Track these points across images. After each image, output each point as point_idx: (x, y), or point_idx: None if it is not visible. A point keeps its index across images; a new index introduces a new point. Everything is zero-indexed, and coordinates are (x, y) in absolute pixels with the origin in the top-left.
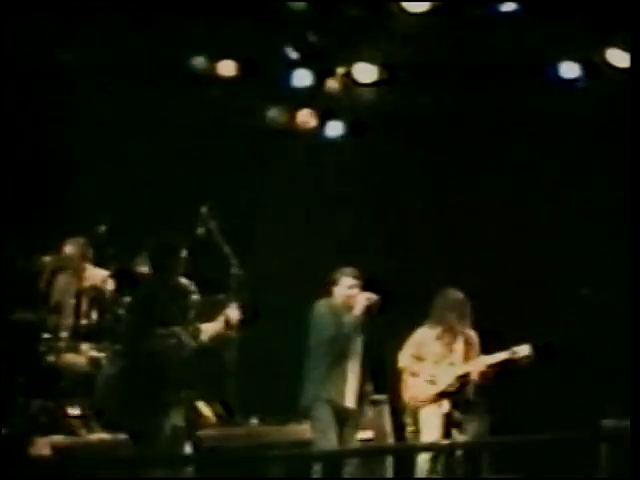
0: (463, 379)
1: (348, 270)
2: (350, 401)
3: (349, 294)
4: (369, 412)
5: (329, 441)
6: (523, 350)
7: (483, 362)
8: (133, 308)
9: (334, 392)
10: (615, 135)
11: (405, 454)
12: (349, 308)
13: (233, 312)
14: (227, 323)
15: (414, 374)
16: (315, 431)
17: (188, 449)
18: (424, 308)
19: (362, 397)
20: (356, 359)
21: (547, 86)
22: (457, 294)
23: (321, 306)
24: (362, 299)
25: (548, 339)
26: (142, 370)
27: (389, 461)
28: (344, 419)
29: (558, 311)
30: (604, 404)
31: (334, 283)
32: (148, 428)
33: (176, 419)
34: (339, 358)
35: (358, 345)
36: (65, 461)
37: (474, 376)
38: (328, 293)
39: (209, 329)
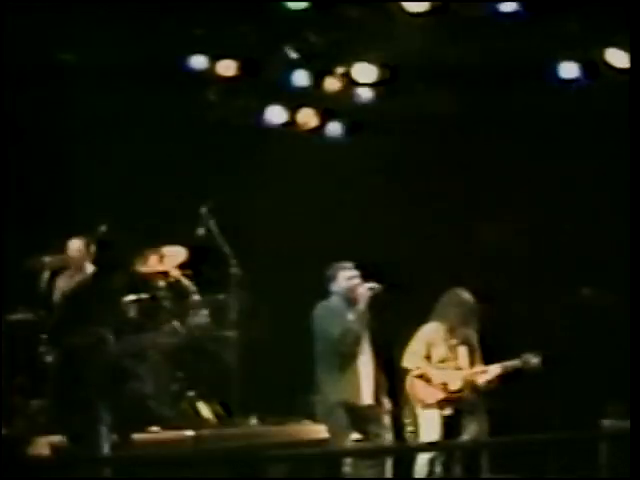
0: (470, 385)
1: (343, 264)
2: (367, 398)
3: (350, 286)
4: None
5: (343, 443)
6: (532, 360)
7: (491, 371)
8: (61, 303)
9: (349, 393)
10: (615, 135)
11: (405, 454)
12: (352, 302)
13: None
14: None
15: (422, 376)
16: (330, 433)
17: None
18: (426, 306)
19: (378, 391)
20: (367, 353)
21: (547, 86)
22: (464, 294)
23: (320, 309)
24: (365, 290)
25: (551, 342)
26: (64, 367)
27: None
28: (365, 417)
29: (558, 311)
30: (604, 404)
31: (331, 280)
32: (73, 427)
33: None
34: (349, 356)
35: (367, 339)
36: (65, 461)
37: (481, 383)
38: (326, 293)
39: None
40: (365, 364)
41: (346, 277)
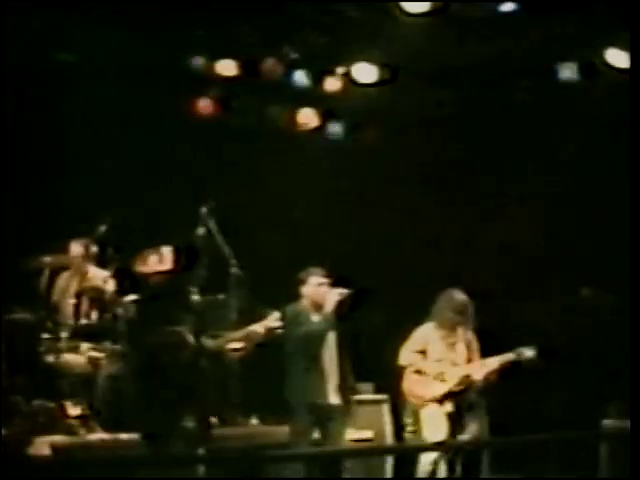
0: (468, 380)
1: (316, 269)
2: (333, 397)
3: (318, 292)
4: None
5: (305, 444)
6: (528, 352)
7: (489, 364)
8: (138, 305)
9: (314, 392)
10: (615, 135)
11: (405, 454)
12: (319, 306)
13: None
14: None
15: (419, 372)
16: (292, 433)
17: (201, 450)
18: (424, 306)
19: (345, 392)
20: (332, 355)
21: (547, 86)
22: (461, 295)
23: (288, 310)
24: (333, 295)
25: (551, 342)
26: (144, 368)
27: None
28: (329, 416)
29: (558, 311)
30: (604, 404)
31: (302, 282)
32: (156, 428)
33: (187, 420)
34: (314, 358)
35: (332, 341)
36: (65, 461)
37: (479, 377)
38: (297, 294)
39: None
40: (332, 365)
41: (315, 283)
